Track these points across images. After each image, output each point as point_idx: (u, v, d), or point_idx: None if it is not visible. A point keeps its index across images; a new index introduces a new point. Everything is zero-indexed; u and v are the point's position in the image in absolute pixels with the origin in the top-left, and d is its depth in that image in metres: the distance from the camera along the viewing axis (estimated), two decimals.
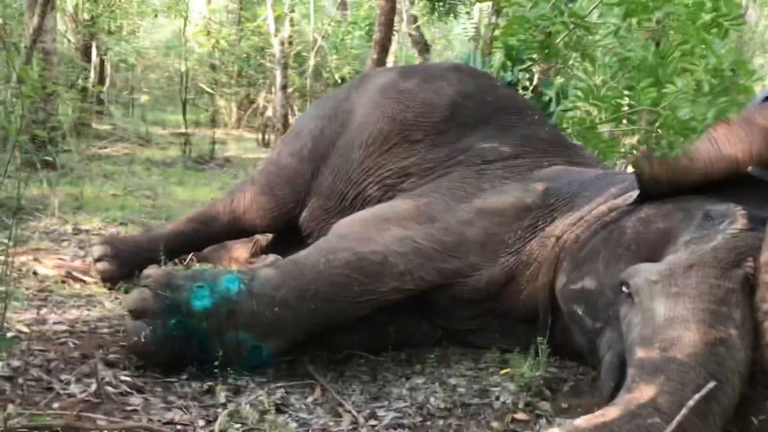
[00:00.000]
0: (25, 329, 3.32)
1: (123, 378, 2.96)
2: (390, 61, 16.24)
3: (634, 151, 5.95)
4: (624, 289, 2.84)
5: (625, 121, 6.11)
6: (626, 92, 5.73)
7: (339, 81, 13.51)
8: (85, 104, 10.77)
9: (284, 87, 12.66)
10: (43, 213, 5.85)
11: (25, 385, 2.74)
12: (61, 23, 11.97)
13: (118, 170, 8.97)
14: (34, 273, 4.38)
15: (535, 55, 5.14)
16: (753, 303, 2.69)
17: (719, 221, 2.96)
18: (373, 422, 2.86)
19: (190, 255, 4.96)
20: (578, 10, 4.98)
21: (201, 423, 2.65)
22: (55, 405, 2.63)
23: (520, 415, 2.93)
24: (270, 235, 5.02)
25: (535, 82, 5.28)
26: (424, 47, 13.83)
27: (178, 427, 2.60)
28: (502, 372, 3.31)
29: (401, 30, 15.02)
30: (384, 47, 7.46)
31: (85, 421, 2.51)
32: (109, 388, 2.83)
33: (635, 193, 3.33)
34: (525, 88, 5.24)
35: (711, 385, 2.38)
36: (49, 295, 4.04)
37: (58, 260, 4.68)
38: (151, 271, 3.21)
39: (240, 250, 5.03)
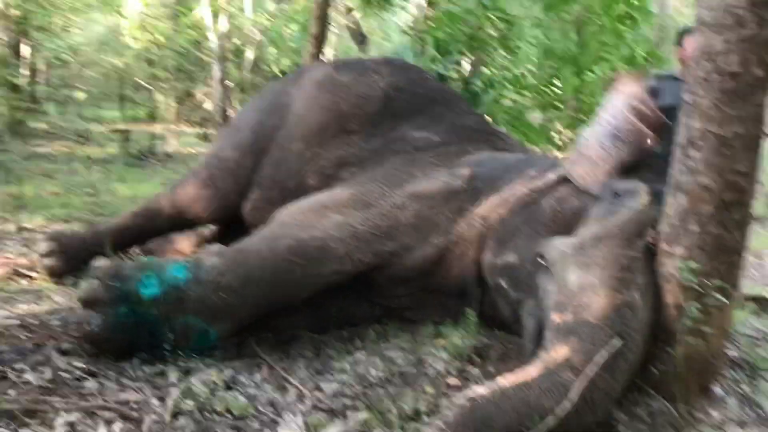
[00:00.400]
0: None
1: (77, 365, 3.09)
2: (330, 53, 16.40)
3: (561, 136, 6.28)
4: (541, 261, 3.13)
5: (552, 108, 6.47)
6: (551, 81, 6.08)
7: (279, 74, 13.58)
8: (18, 103, 10.57)
9: (223, 81, 12.67)
10: None
11: None
12: None
13: (58, 168, 8.90)
14: None
15: (463, 48, 5.40)
16: (654, 269, 3.03)
17: (625, 197, 3.28)
18: (317, 393, 3.08)
19: (135, 249, 5.05)
20: (501, 5, 5.26)
21: (155, 401, 2.83)
22: (12, 392, 2.76)
23: (451, 381, 3.19)
24: (214, 227, 5.16)
25: (465, 73, 5.54)
26: (362, 39, 14.00)
27: (133, 405, 2.77)
28: (437, 343, 3.57)
29: (340, 22, 15.18)
30: (320, 41, 7.61)
31: (42, 404, 2.66)
32: (64, 375, 2.97)
33: (553, 175, 3.63)
34: (454, 79, 5.50)
35: (617, 343, 2.70)
36: None
37: (4, 258, 4.74)
38: (100, 262, 3.35)
39: (184, 242, 5.15)
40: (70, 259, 4.40)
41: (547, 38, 6.05)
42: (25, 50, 13.06)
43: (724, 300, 2.80)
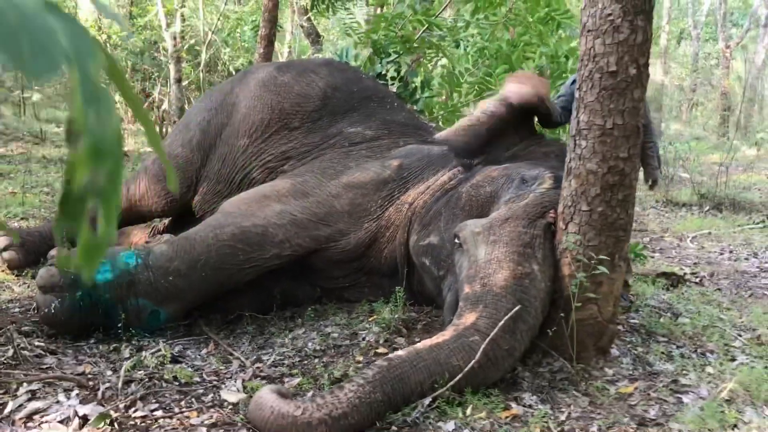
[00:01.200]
0: None
1: (37, 344, 3.40)
2: (285, 51, 16.64)
3: None
4: (456, 240, 3.52)
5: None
6: (486, 78, 6.48)
7: (233, 72, 13.78)
8: None
9: (179, 80, 12.83)
10: None
11: None
12: None
13: (14, 169, 9.02)
14: None
15: (398, 49, 5.77)
16: (553, 245, 3.44)
17: (532, 183, 3.70)
18: (258, 364, 3.42)
19: None
20: (430, 9, 5.65)
21: (109, 373, 3.14)
22: None
23: (380, 350, 3.55)
24: (166, 220, 5.45)
25: (402, 72, 5.91)
26: (315, 38, 14.27)
27: (89, 376, 3.08)
28: (370, 319, 3.94)
29: (294, 21, 15.43)
30: (270, 41, 7.92)
31: (6, 376, 2.96)
32: (25, 352, 3.26)
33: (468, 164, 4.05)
34: (393, 78, 5.87)
35: (517, 308, 3.10)
36: None
37: None
38: (56, 251, 3.64)
39: (138, 234, 5.42)
40: (29, 252, 4.65)
41: (482, 39, 6.46)
42: None
43: (606, 271, 3.21)
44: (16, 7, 0.64)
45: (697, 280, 5.54)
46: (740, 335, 4.06)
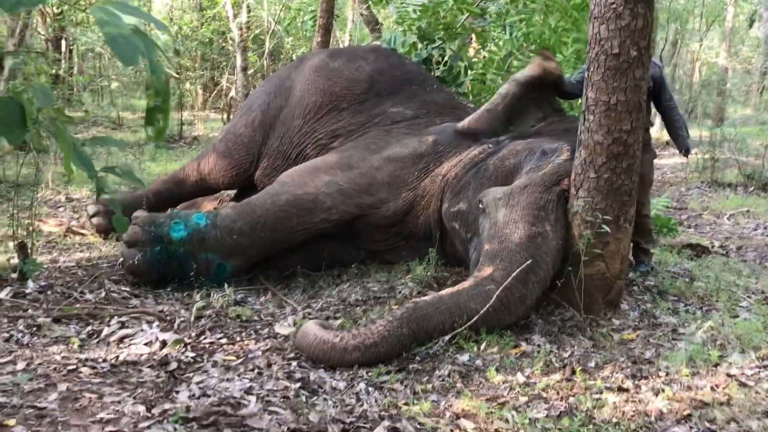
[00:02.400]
0: (45, 265, 4.37)
1: (123, 289, 4.05)
2: (345, 39, 17.21)
3: None
4: (480, 205, 3.99)
5: None
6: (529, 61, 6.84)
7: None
8: (60, 92, 11.58)
9: (245, 69, 13.57)
10: (37, 187, 6.82)
11: (53, 296, 3.82)
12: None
13: (96, 151, 9.88)
14: (40, 231, 5.39)
15: (442, 36, 6.21)
16: (566, 209, 3.87)
17: (552, 155, 4.13)
18: (307, 309, 3.99)
19: None
20: None
21: (183, 311, 3.76)
22: (77, 306, 3.70)
23: (410, 304, 4.05)
24: (232, 192, 6.09)
25: (446, 57, 6.36)
26: (375, 26, 14.75)
27: (166, 313, 3.70)
28: (407, 276, 4.44)
29: (355, 9, 15.97)
30: (327, 30, 8.48)
31: (100, 311, 3.61)
32: (114, 295, 3.92)
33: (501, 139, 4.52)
34: (438, 63, 6.33)
35: (529, 262, 3.55)
36: (56, 245, 5.08)
37: (59, 221, 5.71)
38: (139, 213, 4.29)
39: (208, 206, 6.08)
40: None
41: (527, 25, 6.83)
42: (63, 44, 14.09)
43: (608, 230, 3.62)
44: (120, 32, 1.23)
45: (724, 252, 5.83)
46: (749, 297, 4.39)
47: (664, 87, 4.68)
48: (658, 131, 14.52)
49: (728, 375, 3.14)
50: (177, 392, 2.73)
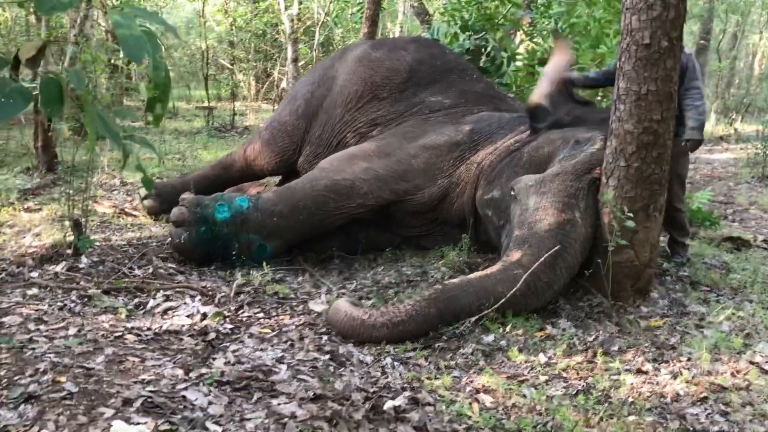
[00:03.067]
0: (98, 242, 4.64)
1: (170, 266, 4.29)
2: (396, 30, 17.32)
3: None
4: (512, 192, 4.08)
5: None
6: (574, 51, 6.87)
7: None
8: (118, 82, 12.03)
9: (295, 60, 13.83)
10: (92, 171, 7.18)
11: (104, 270, 4.07)
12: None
13: (151, 139, 10.26)
14: (95, 212, 5.70)
15: (484, 26, 6.29)
16: (597, 197, 3.92)
17: (585, 144, 4.18)
18: (342, 290, 4.15)
19: None
20: None
21: (224, 287, 3.97)
22: (126, 280, 3.95)
23: (438, 286, 4.17)
24: (277, 179, 6.30)
25: (489, 48, 6.43)
26: (425, 17, 14.84)
27: (208, 288, 3.91)
28: (440, 262, 4.56)
29: (406, 1, 16.08)
30: (374, 22, 8.60)
31: (147, 285, 3.84)
32: (161, 270, 4.16)
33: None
34: (480, 53, 6.41)
35: (557, 248, 3.63)
36: (109, 225, 5.37)
37: (112, 203, 6.02)
38: (186, 195, 4.53)
39: (253, 191, 6.28)
40: (164, 201, 5.59)
41: (571, 16, 6.85)
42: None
43: (633, 222, 3.66)
44: (132, 34, 1.40)
45: (767, 245, 5.75)
46: None
47: (687, 74, 4.60)
48: (713, 126, 14.23)
49: (750, 362, 3.17)
50: (214, 359, 2.93)
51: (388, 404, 2.63)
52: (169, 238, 4.52)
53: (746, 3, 19.02)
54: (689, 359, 3.20)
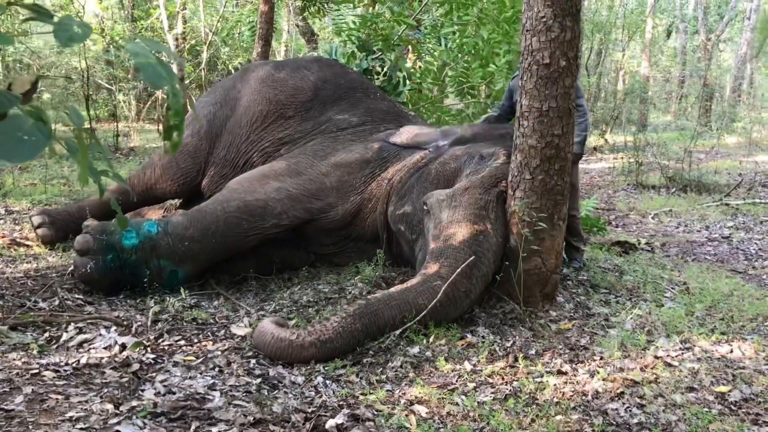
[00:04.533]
0: None
1: (77, 297, 4.09)
2: (282, 49, 17.33)
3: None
4: (424, 207, 4.21)
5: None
6: (464, 71, 7.16)
7: (232, 71, 14.47)
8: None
9: (181, 79, 13.52)
10: None
11: (6, 305, 3.82)
12: None
13: (31, 164, 9.69)
14: None
15: (381, 46, 6.45)
16: (505, 208, 4.13)
17: (489, 159, 4.39)
18: (260, 312, 4.11)
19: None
20: (405, 11, 6.33)
21: (139, 316, 3.83)
22: (31, 314, 3.72)
23: (362, 301, 4.23)
24: (177, 202, 6.13)
25: (385, 68, 6.59)
26: (311, 36, 14.91)
27: (123, 318, 3.77)
28: (356, 277, 4.62)
29: (290, 21, 16.12)
30: (267, 41, 8.60)
31: (56, 318, 3.65)
32: (68, 302, 3.96)
33: (439, 144, 4.75)
34: (377, 73, 6.55)
35: (472, 258, 3.78)
36: (1, 257, 5.04)
37: (1, 233, 5.64)
38: (90, 222, 4.33)
39: (153, 215, 6.09)
40: (59, 229, 5.32)
41: (461, 36, 7.14)
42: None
43: (545, 227, 3.90)
44: (149, 62, 1.39)
45: (650, 248, 6.23)
46: (673, 288, 4.75)
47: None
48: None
49: (655, 357, 3.44)
50: (142, 390, 2.83)
51: (330, 423, 2.65)
52: (73, 268, 4.31)
53: (609, 23, 20.47)
54: (602, 358, 3.43)
